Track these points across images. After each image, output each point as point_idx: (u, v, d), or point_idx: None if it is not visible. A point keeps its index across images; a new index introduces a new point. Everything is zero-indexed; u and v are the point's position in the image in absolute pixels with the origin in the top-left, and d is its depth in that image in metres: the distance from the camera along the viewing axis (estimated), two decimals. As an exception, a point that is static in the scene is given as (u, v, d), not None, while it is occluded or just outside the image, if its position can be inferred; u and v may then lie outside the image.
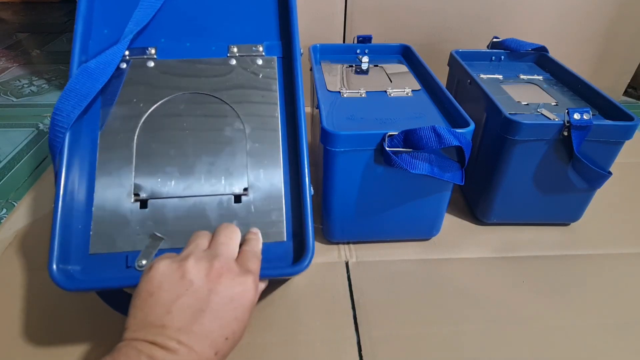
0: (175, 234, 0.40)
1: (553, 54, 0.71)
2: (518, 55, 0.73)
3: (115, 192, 0.40)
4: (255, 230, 0.41)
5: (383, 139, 0.48)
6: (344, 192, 0.53)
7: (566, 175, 0.56)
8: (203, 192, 0.41)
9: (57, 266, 0.37)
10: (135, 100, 0.43)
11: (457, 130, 0.47)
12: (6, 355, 0.45)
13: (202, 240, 0.36)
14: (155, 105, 0.43)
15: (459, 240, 0.62)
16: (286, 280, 0.54)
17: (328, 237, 0.59)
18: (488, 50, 0.74)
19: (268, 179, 0.43)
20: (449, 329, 0.49)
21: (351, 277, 0.55)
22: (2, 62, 1.28)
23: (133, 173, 0.41)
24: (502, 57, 0.73)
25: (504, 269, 0.57)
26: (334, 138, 0.47)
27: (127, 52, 0.44)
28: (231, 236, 0.37)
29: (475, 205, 0.65)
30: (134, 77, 0.43)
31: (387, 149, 0.47)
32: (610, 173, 0.54)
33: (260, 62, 0.46)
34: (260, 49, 0.46)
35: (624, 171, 0.75)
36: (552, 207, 0.61)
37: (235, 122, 0.43)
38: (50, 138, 0.38)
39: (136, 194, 0.40)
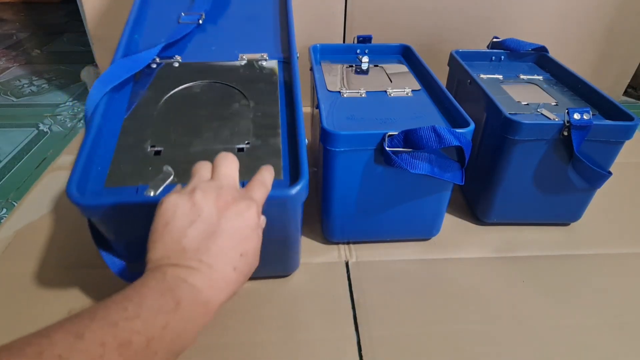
0: (184, 174, 0.44)
1: (553, 54, 0.71)
2: (518, 55, 0.73)
3: (134, 144, 0.46)
4: (269, 166, 0.43)
5: (383, 139, 0.48)
6: (344, 192, 0.53)
7: (566, 175, 0.56)
8: (211, 145, 0.47)
9: (75, 190, 0.40)
10: (160, 86, 0.52)
11: (457, 130, 0.47)
12: (6, 355, 0.45)
13: (204, 171, 0.39)
14: (176, 89, 0.51)
15: (459, 240, 0.62)
16: (285, 276, 0.54)
17: (328, 237, 0.59)
18: (488, 50, 0.74)
19: (268, 136, 0.48)
20: (449, 329, 0.49)
21: (351, 277, 0.55)
22: (2, 62, 1.28)
23: (152, 131, 0.47)
24: (502, 57, 0.73)
25: (504, 269, 0.57)
26: (334, 138, 0.48)
27: (157, 59, 0.54)
28: (231, 166, 0.39)
29: (475, 205, 0.65)
30: (161, 72, 0.53)
31: (387, 149, 0.47)
32: (610, 173, 0.54)
33: (264, 63, 0.55)
34: (265, 55, 0.55)
35: (624, 171, 0.75)
36: (552, 207, 0.61)
37: (242, 100, 0.51)
38: (87, 103, 0.47)
39: (152, 146, 0.46)
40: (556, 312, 0.51)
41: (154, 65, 0.53)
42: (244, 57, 0.54)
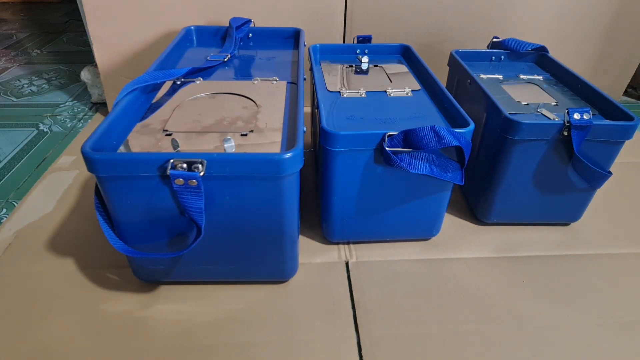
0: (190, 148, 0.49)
1: (553, 54, 0.71)
2: (518, 55, 0.73)
3: (149, 131, 0.50)
4: None
5: (383, 139, 0.48)
6: (344, 192, 0.53)
7: (566, 175, 0.56)
8: (215, 129, 0.51)
9: (89, 148, 0.43)
10: (181, 95, 0.58)
11: (457, 130, 0.47)
12: (6, 354, 0.45)
13: None
14: (194, 96, 0.57)
15: (459, 240, 0.62)
16: (284, 281, 0.54)
17: (328, 237, 0.59)
18: (488, 50, 0.74)
19: (271, 126, 0.51)
20: (449, 329, 0.49)
21: (351, 277, 0.55)
22: (2, 62, 1.28)
23: (167, 122, 0.52)
24: (502, 57, 0.73)
25: (504, 269, 0.57)
26: (334, 138, 0.48)
27: (182, 78, 0.62)
28: None
29: (475, 205, 0.65)
30: (184, 87, 0.61)
31: (387, 149, 0.47)
32: (610, 173, 0.54)
33: (274, 82, 0.62)
34: (276, 78, 0.63)
35: (624, 171, 0.75)
36: (552, 207, 0.61)
37: (250, 103, 0.56)
38: (117, 97, 0.52)
39: (165, 130, 0.50)
40: (556, 312, 0.51)
41: (179, 82, 0.61)
42: (257, 79, 0.62)
